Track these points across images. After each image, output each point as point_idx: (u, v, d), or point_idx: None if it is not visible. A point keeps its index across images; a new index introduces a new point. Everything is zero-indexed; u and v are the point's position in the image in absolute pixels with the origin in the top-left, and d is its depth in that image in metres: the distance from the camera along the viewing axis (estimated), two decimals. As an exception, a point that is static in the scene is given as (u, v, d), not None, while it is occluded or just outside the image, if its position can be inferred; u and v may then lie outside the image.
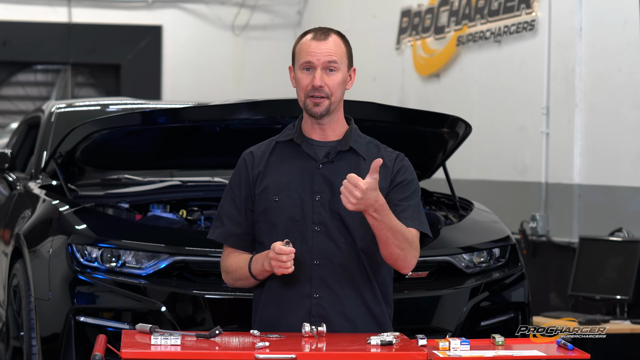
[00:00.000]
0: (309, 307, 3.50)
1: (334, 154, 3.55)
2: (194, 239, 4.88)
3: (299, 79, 3.54)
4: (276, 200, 3.53)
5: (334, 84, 3.51)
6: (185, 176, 5.96)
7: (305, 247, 3.51)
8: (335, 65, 3.51)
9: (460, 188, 6.41)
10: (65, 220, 4.99)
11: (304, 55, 3.52)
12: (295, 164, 3.56)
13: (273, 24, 13.66)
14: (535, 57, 8.48)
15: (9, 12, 13.18)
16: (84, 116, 5.80)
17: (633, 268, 6.84)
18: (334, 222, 3.51)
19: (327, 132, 3.57)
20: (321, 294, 3.51)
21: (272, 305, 3.55)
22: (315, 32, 3.56)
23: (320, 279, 3.51)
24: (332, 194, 3.50)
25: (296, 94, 3.58)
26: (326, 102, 3.50)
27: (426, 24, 10.30)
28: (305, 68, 3.52)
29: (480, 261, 5.10)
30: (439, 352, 3.20)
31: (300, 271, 3.49)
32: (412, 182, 3.57)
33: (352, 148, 3.56)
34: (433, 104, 9.94)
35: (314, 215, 3.51)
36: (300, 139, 3.58)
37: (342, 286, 3.52)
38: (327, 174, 3.54)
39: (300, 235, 3.51)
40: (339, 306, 3.51)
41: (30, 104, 13.43)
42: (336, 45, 3.53)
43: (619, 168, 7.58)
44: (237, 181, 3.63)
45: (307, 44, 3.54)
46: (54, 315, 4.72)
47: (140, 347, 3.17)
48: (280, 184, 3.55)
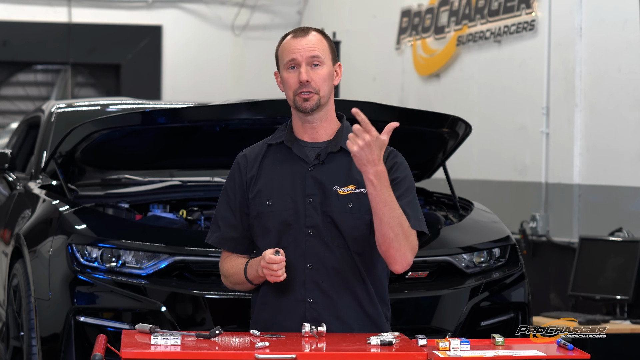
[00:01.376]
0: (303, 311, 3.49)
1: (324, 156, 3.52)
2: (194, 239, 4.88)
3: (285, 79, 3.52)
4: (269, 204, 3.52)
5: (320, 78, 3.49)
6: (185, 176, 5.96)
7: (298, 251, 3.49)
8: (319, 59, 3.49)
9: (460, 188, 6.41)
10: (65, 220, 4.99)
11: (287, 54, 3.51)
12: (287, 167, 3.54)
13: (273, 24, 13.66)
14: (535, 57, 8.48)
15: (9, 12, 13.18)
16: (84, 116, 5.80)
17: (633, 268, 6.85)
18: (326, 225, 3.49)
19: (318, 132, 3.55)
20: (315, 298, 3.49)
21: (268, 309, 3.55)
22: (294, 31, 3.56)
23: (314, 283, 3.49)
24: (323, 197, 3.49)
25: (286, 95, 3.56)
26: (315, 97, 3.48)
27: (426, 24, 10.30)
28: (290, 67, 3.50)
29: (480, 261, 5.10)
30: (439, 352, 3.20)
31: (294, 276, 3.48)
32: (405, 179, 3.52)
33: (342, 148, 3.52)
34: (433, 104, 9.94)
35: (306, 219, 3.49)
36: (290, 141, 3.55)
37: (336, 289, 3.50)
38: (318, 176, 3.51)
39: (293, 239, 3.50)
40: (334, 310, 3.50)
41: (30, 104, 13.43)
42: (317, 40, 3.51)
43: (619, 168, 7.58)
44: (232, 185, 3.62)
45: (288, 42, 3.52)
46: (54, 315, 4.72)
47: (140, 347, 3.17)
48: (273, 187, 3.53)
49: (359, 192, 3.49)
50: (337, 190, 3.50)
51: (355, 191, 3.50)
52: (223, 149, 5.48)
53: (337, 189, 3.50)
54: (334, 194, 3.49)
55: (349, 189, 3.50)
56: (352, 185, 3.50)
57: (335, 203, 3.49)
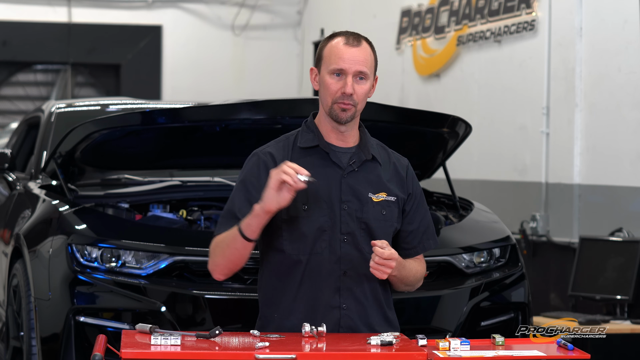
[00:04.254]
0: (338, 318, 3.47)
1: (359, 163, 3.51)
2: (194, 239, 4.88)
3: (327, 84, 3.46)
4: (305, 209, 3.45)
5: (363, 92, 3.47)
6: (185, 176, 5.96)
7: (333, 258, 3.46)
8: (366, 75, 3.47)
9: (460, 188, 6.41)
10: (65, 220, 4.99)
11: (336, 60, 3.45)
12: (320, 172, 3.47)
13: (273, 24, 13.66)
14: (535, 57, 8.48)
15: (9, 12, 13.19)
16: (84, 116, 5.80)
17: (633, 268, 6.84)
18: (360, 232, 3.48)
19: (347, 138, 3.52)
20: (349, 305, 3.48)
21: (297, 314, 3.47)
22: (346, 36, 3.48)
23: (348, 290, 3.48)
24: (358, 203, 3.47)
25: (320, 97, 3.51)
26: (353, 109, 3.46)
27: (426, 24, 10.30)
28: (335, 73, 3.46)
29: (480, 261, 5.10)
30: (439, 352, 3.20)
31: (328, 282, 3.46)
32: (422, 192, 3.65)
33: (373, 156, 3.53)
34: (433, 104, 9.94)
35: (342, 225, 3.47)
36: (326, 146, 3.51)
37: (367, 296, 3.51)
38: (352, 183, 3.49)
39: (328, 245, 3.46)
40: (364, 316, 3.50)
41: (30, 104, 13.44)
42: (368, 54, 3.48)
43: (619, 168, 7.58)
44: (255, 182, 3.47)
45: (339, 48, 3.46)
46: (54, 315, 4.72)
47: (140, 347, 3.17)
48: (308, 192, 3.43)
49: (390, 200, 3.52)
50: (371, 198, 3.50)
51: (386, 199, 3.51)
52: (223, 149, 5.49)
53: (371, 196, 3.50)
54: (369, 201, 3.49)
55: (381, 197, 3.51)
56: (384, 193, 3.51)
57: (371, 210, 3.49)
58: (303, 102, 5.18)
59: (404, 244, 3.59)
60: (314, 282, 3.46)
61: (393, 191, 3.53)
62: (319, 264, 3.46)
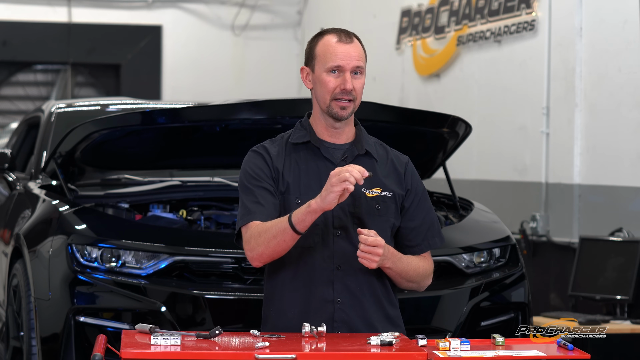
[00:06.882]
0: (332, 312, 3.48)
1: (351, 157, 3.53)
2: (194, 239, 4.88)
3: (325, 81, 3.49)
4: (298, 202, 3.46)
5: (361, 87, 3.51)
6: (185, 176, 5.96)
7: (326, 252, 3.48)
8: (362, 69, 3.51)
9: (460, 188, 6.41)
10: (65, 220, 4.99)
11: (332, 58, 3.48)
12: (313, 167, 3.51)
13: (273, 24, 13.66)
14: (535, 57, 8.48)
15: (9, 12, 13.19)
16: (84, 116, 5.80)
17: (633, 268, 6.84)
18: (354, 226, 3.48)
19: (340, 135, 3.55)
20: (343, 299, 3.49)
21: (292, 310, 3.49)
22: (337, 33, 3.51)
23: (342, 284, 3.49)
24: (351, 198, 3.46)
25: (316, 95, 3.53)
26: (352, 105, 3.49)
27: (426, 24, 10.30)
28: (332, 71, 3.48)
29: (480, 261, 5.10)
30: (439, 352, 3.20)
31: (322, 276, 3.47)
32: (424, 190, 3.64)
33: (367, 151, 3.55)
34: (433, 104, 9.94)
35: (335, 220, 3.48)
36: (317, 141, 3.54)
37: (363, 291, 3.51)
38: None
39: (320, 240, 3.48)
40: (360, 311, 3.50)
41: (30, 104, 13.44)
42: (360, 49, 3.52)
43: (619, 168, 7.58)
44: (260, 173, 3.49)
45: (332, 45, 3.49)
46: (54, 315, 4.72)
47: (140, 347, 3.17)
48: (301, 185, 3.50)
49: (385, 195, 3.52)
50: (364, 193, 3.50)
51: (381, 194, 3.52)
52: (223, 149, 5.49)
53: (365, 191, 3.50)
54: (362, 195, 3.50)
55: (375, 192, 3.51)
56: (379, 188, 3.52)
57: (364, 205, 3.50)
58: (303, 102, 5.17)
59: (407, 241, 3.59)
60: (308, 276, 3.48)
61: (389, 187, 3.53)
62: (312, 258, 3.47)
